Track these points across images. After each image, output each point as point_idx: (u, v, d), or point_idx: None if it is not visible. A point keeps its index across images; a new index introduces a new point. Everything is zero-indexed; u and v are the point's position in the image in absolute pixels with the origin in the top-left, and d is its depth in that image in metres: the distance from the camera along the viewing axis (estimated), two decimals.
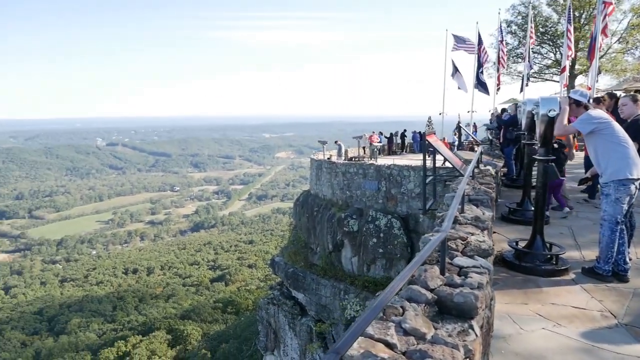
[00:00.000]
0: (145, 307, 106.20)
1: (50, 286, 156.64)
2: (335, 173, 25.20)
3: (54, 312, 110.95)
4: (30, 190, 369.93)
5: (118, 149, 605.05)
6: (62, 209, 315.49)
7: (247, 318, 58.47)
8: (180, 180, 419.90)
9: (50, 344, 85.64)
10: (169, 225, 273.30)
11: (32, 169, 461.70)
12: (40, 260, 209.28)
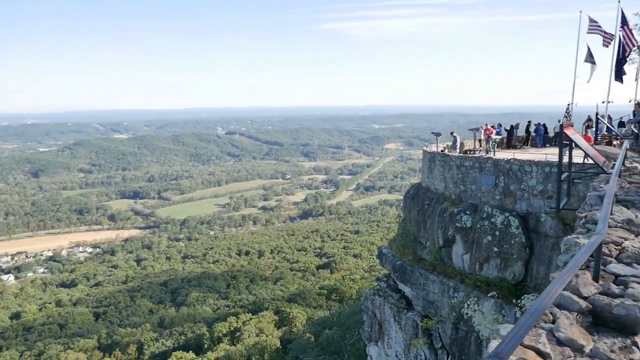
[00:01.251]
0: (255, 288, 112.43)
1: (174, 261, 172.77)
2: (449, 166, 24.16)
3: (177, 285, 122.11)
4: (159, 174, 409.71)
5: (236, 137, 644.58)
6: (186, 191, 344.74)
7: (350, 307, 59.08)
8: (291, 169, 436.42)
9: (172, 313, 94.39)
10: (279, 211, 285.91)
11: (162, 154, 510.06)
12: (167, 237, 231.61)
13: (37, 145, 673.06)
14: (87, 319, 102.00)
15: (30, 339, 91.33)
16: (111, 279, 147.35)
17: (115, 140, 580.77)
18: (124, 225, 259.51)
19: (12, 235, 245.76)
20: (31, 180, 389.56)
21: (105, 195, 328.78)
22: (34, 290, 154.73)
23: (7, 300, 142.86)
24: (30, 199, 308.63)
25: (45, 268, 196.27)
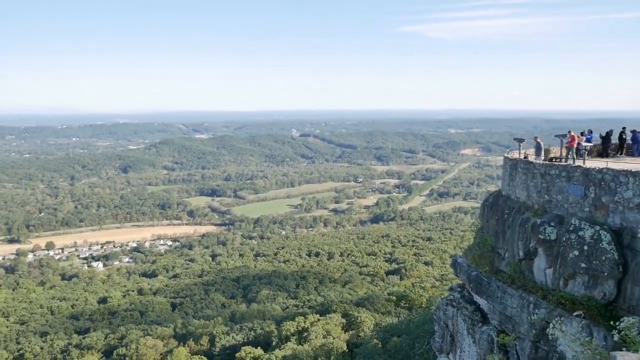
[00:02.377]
0: (324, 289, 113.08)
1: (247, 258, 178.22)
2: (532, 174, 22.72)
3: (248, 282, 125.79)
4: (236, 173, 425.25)
5: (309, 139, 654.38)
6: (260, 191, 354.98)
7: (420, 315, 57.60)
8: (363, 172, 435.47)
9: (243, 308, 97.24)
10: (350, 214, 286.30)
11: (239, 154, 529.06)
12: (240, 235, 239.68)
13: (127, 143, 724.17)
14: (165, 308, 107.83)
15: (114, 323, 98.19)
16: (188, 272, 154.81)
17: (196, 140, 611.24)
18: (201, 222, 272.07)
19: (103, 226, 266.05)
20: (121, 176, 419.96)
21: (185, 192, 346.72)
22: (119, 278, 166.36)
23: (95, 285, 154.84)
24: (119, 193, 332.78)
25: (130, 258, 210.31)
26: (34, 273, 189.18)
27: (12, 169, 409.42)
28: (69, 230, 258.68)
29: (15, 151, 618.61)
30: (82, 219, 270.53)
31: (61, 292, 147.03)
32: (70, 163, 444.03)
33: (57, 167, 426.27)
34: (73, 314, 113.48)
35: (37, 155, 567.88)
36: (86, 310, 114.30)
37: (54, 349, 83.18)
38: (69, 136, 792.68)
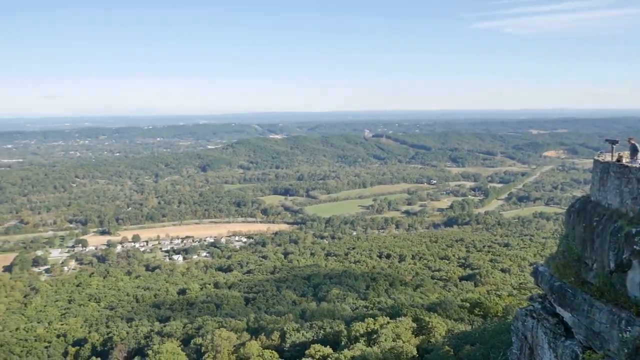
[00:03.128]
0: (394, 292, 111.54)
1: (318, 257, 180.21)
2: (627, 179, 20.81)
3: (319, 281, 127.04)
4: (309, 173, 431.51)
5: (382, 140, 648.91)
6: (332, 191, 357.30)
7: (495, 324, 55.07)
8: (437, 174, 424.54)
9: (313, 307, 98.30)
10: (423, 216, 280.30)
11: (311, 154, 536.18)
12: (312, 234, 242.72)
13: (206, 142, 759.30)
14: (239, 302, 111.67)
15: (192, 313, 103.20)
16: (261, 268, 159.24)
17: (271, 140, 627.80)
18: (274, 220, 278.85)
19: (183, 221, 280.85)
20: (200, 174, 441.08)
21: (260, 190, 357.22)
22: (197, 271, 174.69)
23: (176, 277, 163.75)
24: (198, 190, 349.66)
25: (207, 252, 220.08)
26: (122, 263, 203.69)
27: (104, 166, 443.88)
28: (153, 224, 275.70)
29: (107, 150, 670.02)
30: (164, 214, 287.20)
31: (145, 282, 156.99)
32: (155, 161, 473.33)
33: (143, 165, 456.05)
34: (155, 302, 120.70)
35: (126, 153, 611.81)
36: (167, 300, 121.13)
37: (138, 334, 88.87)
38: (154, 136, 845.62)
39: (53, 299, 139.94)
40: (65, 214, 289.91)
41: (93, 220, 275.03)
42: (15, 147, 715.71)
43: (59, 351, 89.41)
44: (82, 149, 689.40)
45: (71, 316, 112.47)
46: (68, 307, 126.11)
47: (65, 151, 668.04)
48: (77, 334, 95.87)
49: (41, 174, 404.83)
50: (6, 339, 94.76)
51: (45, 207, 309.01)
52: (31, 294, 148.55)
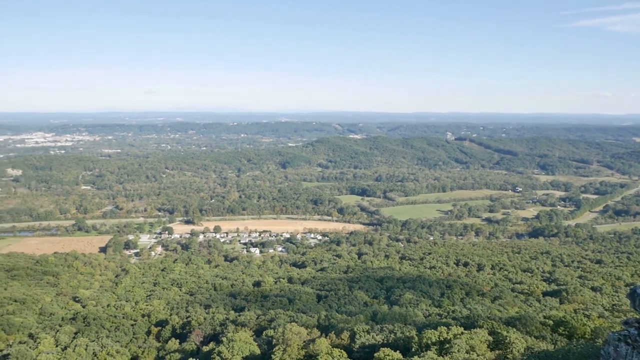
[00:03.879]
0: (471, 302, 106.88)
1: (392, 260, 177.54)
2: None
3: (392, 284, 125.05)
4: (387, 174, 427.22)
5: (465, 143, 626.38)
6: (410, 194, 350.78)
7: (582, 346, 50.80)
8: (523, 181, 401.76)
9: (385, 310, 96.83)
10: (505, 225, 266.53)
11: (390, 156, 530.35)
12: (387, 236, 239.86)
13: (287, 140, 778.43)
14: (311, 299, 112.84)
15: (265, 306, 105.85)
16: (334, 267, 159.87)
17: (350, 140, 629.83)
18: (350, 219, 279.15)
19: (262, 216, 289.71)
20: (280, 170, 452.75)
21: (337, 189, 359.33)
22: (272, 265, 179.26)
23: (252, 269, 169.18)
24: (277, 186, 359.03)
25: (283, 247, 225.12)
26: (203, 252, 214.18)
27: (191, 159, 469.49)
28: (234, 217, 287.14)
29: (195, 144, 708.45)
30: (244, 207, 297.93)
31: (223, 272, 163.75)
32: (238, 156, 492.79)
33: (227, 160, 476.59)
34: (232, 292, 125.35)
35: (211, 148, 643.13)
36: (243, 290, 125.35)
37: (215, 321, 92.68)
38: (239, 132, 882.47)
39: (140, 280, 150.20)
40: (155, 203, 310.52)
41: (179, 209, 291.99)
42: (115, 139, 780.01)
43: (143, 330, 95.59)
44: (172, 142, 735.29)
45: (155, 298, 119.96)
46: (153, 290, 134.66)
47: (157, 144, 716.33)
48: (159, 316, 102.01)
49: (136, 164, 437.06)
50: (99, 314, 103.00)
51: (138, 195, 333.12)
52: (122, 275, 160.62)
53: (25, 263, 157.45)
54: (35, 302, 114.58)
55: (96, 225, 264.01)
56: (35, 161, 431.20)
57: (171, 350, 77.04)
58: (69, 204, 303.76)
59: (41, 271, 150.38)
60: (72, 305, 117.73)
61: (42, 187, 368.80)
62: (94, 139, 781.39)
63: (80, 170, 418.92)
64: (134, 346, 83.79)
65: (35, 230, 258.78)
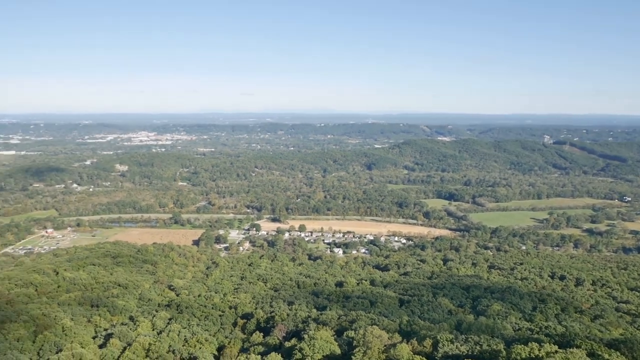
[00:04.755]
0: (567, 319, 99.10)
1: (480, 269, 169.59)
2: None
3: (479, 293, 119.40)
4: (476, 179, 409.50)
5: (565, 148, 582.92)
6: (501, 200, 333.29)
7: None
8: (633, 190, 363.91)
9: (470, 319, 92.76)
10: (610, 237, 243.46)
11: (481, 159, 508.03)
12: (475, 243, 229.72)
13: (373, 141, 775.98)
14: (393, 302, 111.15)
15: (347, 306, 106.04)
16: (418, 272, 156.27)
17: (438, 142, 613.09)
18: (436, 224, 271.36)
19: (346, 216, 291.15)
20: (365, 172, 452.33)
21: (423, 192, 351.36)
22: (355, 266, 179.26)
23: (335, 269, 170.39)
24: (362, 188, 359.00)
25: (366, 249, 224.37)
26: (288, 250, 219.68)
27: (280, 159, 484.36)
28: (318, 216, 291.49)
29: (284, 144, 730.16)
30: (329, 208, 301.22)
31: (307, 270, 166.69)
32: (324, 157, 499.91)
33: (314, 160, 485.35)
34: (314, 290, 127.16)
35: (299, 148, 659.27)
36: (325, 289, 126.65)
37: (297, 317, 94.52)
38: (325, 133, 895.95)
39: (229, 274, 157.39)
40: (244, 200, 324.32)
41: (267, 207, 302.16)
42: (209, 138, 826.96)
43: (230, 321, 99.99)
44: (262, 142, 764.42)
45: (242, 292, 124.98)
46: (240, 283, 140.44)
47: (248, 143, 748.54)
48: (245, 309, 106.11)
49: (227, 163, 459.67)
50: (190, 303, 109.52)
51: (229, 192, 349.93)
52: (212, 267, 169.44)
53: (128, 251, 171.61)
54: (136, 288, 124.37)
55: (190, 219, 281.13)
56: (139, 158, 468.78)
57: (255, 343, 79.76)
58: (167, 198, 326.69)
59: (142, 259, 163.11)
60: (168, 293, 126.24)
61: (145, 182, 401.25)
62: (191, 138, 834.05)
63: (178, 167, 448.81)
64: (221, 336, 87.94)
65: (138, 222, 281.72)
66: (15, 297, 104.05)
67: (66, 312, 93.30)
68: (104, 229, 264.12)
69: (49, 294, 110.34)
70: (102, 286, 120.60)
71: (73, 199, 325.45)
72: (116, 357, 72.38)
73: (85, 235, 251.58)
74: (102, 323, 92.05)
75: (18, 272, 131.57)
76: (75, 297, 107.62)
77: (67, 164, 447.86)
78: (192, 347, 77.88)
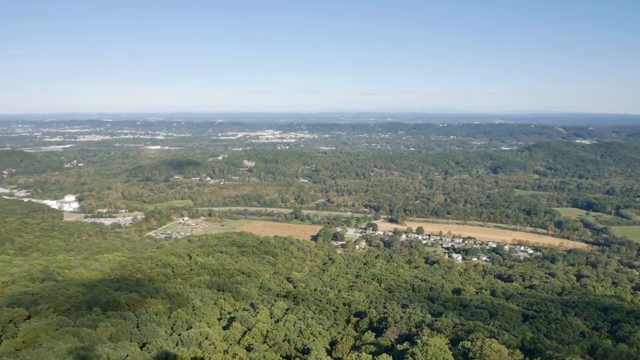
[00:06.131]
0: None
1: (622, 289, 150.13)
2: None
3: (619, 317, 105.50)
4: (622, 187, 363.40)
5: None
6: None
7: None
8: None
9: (607, 345, 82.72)
10: None
11: (628, 166, 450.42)
12: (617, 260, 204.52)
13: (499, 143, 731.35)
14: (515, 316, 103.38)
15: (464, 315, 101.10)
16: (546, 286, 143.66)
17: (576, 146, 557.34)
18: (569, 235, 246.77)
19: (467, 221, 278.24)
20: (490, 175, 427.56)
21: (555, 200, 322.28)
22: (474, 274, 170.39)
23: (452, 275, 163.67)
24: (486, 192, 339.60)
25: (488, 257, 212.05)
26: (404, 251, 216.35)
27: (399, 159, 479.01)
28: (437, 219, 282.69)
29: (404, 145, 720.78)
30: (449, 211, 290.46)
31: (423, 274, 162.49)
32: (446, 159, 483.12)
33: (434, 162, 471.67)
34: (429, 295, 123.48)
35: (419, 149, 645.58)
36: (441, 295, 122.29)
37: (411, 321, 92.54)
38: (448, 134, 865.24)
39: (344, 271, 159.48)
40: (362, 199, 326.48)
41: (384, 207, 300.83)
42: (330, 137, 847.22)
43: (343, 317, 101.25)
44: (382, 142, 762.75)
45: (356, 290, 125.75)
46: (355, 281, 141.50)
47: (368, 143, 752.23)
48: (359, 307, 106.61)
49: (347, 162, 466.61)
50: (306, 296, 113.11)
51: (347, 190, 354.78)
52: (328, 263, 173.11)
53: (252, 242, 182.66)
54: (257, 277, 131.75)
55: (310, 215, 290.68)
56: (265, 155, 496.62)
57: (367, 342, 79.63)
58: (289, 194, 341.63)
59: (264, 250, 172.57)
60: (286, 285, 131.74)
61: (269, 177, 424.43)
62: (313, 137, 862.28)
63: (300, 164, 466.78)
64: (334, 331, 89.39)
65: (262, 215, 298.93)
66: (155, 275, 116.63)
67: (196, 293, 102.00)
68: (231, 220, 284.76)
69: (182, 276, 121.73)
70: (228, 272, 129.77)
71: (206, 191, 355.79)
72: (237, 340, 77.17)
73: (215, 224, 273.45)
74: (226, 307, 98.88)
75: (159, 253, 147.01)
76: (205, 280, 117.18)
77: (202, 159, 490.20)
78: (306, 338, 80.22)
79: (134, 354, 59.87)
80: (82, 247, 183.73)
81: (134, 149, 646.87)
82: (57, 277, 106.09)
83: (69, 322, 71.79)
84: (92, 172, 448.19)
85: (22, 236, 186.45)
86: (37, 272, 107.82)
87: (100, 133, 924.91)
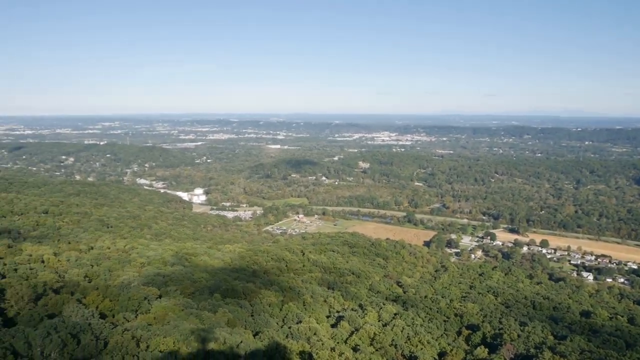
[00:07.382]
0: None
1: None
2: None
3: None
4: None
5: None
6: None
7: None
8: None
9: None
10: None
11: None
12: None
13: None
14: None
15: (593, 342, 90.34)
16: None
17: None
18: None
19: (601, 237, 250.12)
20: (632, 187, 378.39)
21: None
22: (608, 297, 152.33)
23: (581, 296, 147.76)
24: (627, 206, 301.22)
25: (626, 280, 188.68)
26: (525, 265, 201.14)
27: (523, 165, 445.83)
28: (565, 233, 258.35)
29: (529, 150, 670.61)
30: (580, 224, 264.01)
31: (545, 291, 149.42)
32: (579, 166, 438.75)
33: (565, 169, 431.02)
34: (552, 315, 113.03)
35: (547, 155, 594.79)
36: (566, 317, 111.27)
37: (529, 341, 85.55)
38: (582, 139, 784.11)
39: (457, 280, 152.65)
40: (480, 206, 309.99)
41: (504, 216, 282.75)
42: (448, 140, 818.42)
43: (454, 329, 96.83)
44: (505, 147, 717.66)
45: (469, 301, 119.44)
46: (468, 292, 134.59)
47: (489, 147, 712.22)
48: (471, 319, 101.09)
49: (465, 166, 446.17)
50: (416, 302, 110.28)
51: (465, 196, 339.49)
52: (440, 270, 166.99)
53: (363, 243, 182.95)
54: (367, 278, 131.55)
55: (423, 219, 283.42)
56: (380, 157, 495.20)
57: (479, 358, 75.28)
58: (402, 197, 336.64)
59: (374, 252, 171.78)
60: (395, 289, 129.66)
61: (383, 179, 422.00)
62: (430, 139, 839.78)
63: (415, 167, 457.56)
64: (443, 341, 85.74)
65: (374, 217, 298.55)
66: (270, 268, 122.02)
67: (307, 289, 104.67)
68: (344, 220, 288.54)
69: (295, 271, 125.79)
70: (339, 271, 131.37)
71: (321, 190, 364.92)
72: (344, 339, 77.60)
73: (328, 223, 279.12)
74: (335, 305, 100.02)
75: (274, 248, 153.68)
76: (316, 277, 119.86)
77: (318, 159, 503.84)
78: (413, 345, 78.08)
79: (247, 340, 62.95)
80: (207, 237, 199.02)
81: (256, 148, 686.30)
82: (184, 262, 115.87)
83: (193, 304, 77.85)
84: (219, 168, 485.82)
85: (157, 223, 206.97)
86: (169, 256, 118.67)
87: (227, 132, 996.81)
